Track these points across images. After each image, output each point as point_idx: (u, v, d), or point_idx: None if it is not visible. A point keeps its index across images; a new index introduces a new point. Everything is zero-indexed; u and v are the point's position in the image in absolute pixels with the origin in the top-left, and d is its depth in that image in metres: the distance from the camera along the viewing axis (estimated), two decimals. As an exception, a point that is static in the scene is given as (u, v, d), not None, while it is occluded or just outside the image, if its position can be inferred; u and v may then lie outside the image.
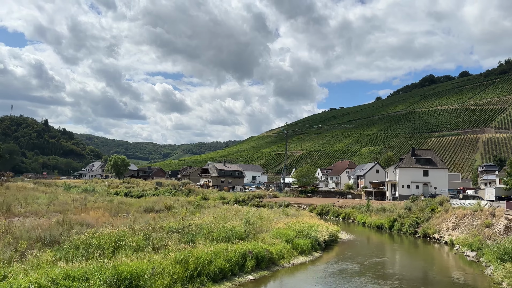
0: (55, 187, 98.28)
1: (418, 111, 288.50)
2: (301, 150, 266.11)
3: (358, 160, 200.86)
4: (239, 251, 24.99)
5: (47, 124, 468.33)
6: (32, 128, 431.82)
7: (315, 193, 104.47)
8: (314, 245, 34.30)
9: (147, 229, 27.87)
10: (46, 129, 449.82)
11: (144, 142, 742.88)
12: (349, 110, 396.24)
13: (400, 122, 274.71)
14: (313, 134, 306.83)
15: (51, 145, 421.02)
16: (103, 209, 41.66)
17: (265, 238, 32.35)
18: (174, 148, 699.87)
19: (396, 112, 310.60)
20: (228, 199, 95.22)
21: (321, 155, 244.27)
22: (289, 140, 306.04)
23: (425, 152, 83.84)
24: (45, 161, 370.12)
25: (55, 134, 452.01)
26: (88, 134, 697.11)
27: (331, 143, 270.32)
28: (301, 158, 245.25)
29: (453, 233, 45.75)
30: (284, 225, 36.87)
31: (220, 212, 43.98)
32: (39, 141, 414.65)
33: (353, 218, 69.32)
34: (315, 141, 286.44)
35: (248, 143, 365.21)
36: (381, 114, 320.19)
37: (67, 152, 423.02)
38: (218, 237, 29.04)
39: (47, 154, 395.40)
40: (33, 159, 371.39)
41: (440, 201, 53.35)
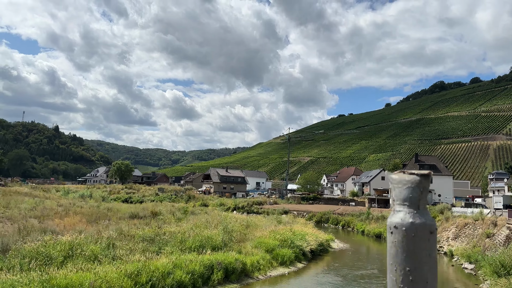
0: (54, 192, 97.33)
1: (427, 118, 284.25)
2: (308, 156, 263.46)
3: (366, 167, 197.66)
4: (206, 262, 22.95)
5: (58, 130, 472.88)
6: (43, 134, 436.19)
7: (317, 200, 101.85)
8: (298, 255, 32.07)
9: (112, 237, 26.02)
10: (56, 135, 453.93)
11: (154, 149, 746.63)
12: (358, 117, 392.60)
13: (409, 129, 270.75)
14: (321, 141, 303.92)
15: (61, 151, 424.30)
16: (82, 215, 39.96)
17: (246, 247, 30.33)
18: (184, 154, 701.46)
19: (406, 118, 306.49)
20: (227, 206, 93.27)
21: (328, 161, 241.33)
22: (296, 147, 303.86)
23: (429, 158, 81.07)
24: (55, 166, 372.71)
25: (65, 140, 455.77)
26: (99, 140, 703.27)
27: (339, 149, 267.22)
28: (308, 164, 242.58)
29: (453, 243, 43.16)
30: (267, 234, 34.70)
31: (206, 218, 41.97)
32: (49, 147, 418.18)
33: (352, 226, 66.80)
34: (323, 147, 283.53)
35: (256, 149, 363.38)
36: (390, 121, 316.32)
37: (77, 158, 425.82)
38: (191, 246, 27.08)
39: (57, 159, 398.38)
40: (43, 164, 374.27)
41: (441, 209, 50.73)
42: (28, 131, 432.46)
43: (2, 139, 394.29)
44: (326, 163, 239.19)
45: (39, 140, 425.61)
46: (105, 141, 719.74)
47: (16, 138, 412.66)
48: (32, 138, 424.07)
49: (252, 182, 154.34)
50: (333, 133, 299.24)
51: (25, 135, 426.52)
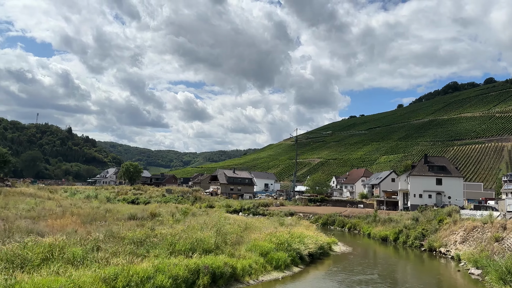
0: (61, 193, 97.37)
1: (440, 119, 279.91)
2: (318, 158, 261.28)
3: (377, 169, 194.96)
4: (192, 266, 21.84)
5: (71, 131, 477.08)
6: (56, 136, 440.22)
7: (325, 202, 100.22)
8: (295, 259, 30.80)
9: (98, 239, 25.11)
10: (69, 137, 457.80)
11: (165, 150, 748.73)
12: (369, 118, 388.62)
13: (421, 130, 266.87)
14: (331, 142, 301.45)
15: (74, 152, 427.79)
16: (78, 216, 39.23)
17: (240, 250, 29.22)
18: (195, 156, 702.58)
19: (418, 120, 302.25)
20: (233, 207, 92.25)
21: (338, 163, 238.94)
22: (306, 148, 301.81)
23: (438, 159, 78.94)
24: (68, 168, 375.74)
25: (78, 142, 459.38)
26: (112, 142, 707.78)
27: (350, 151, 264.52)
28: (318, 166, 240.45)
29: (460, 247, 41.40)
30: (264, 236, 33.50)
31: (204, 220, 40.91)
32: (62, 149, 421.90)
33: (359, 229, 65.22)
34: (333, 149, 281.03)
35: (266, 151, 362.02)
36: (402, 122, 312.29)
37: (90, 159, 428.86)
38: (180, 249, 26.03)
39: (70, 161, 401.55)
40: (56, 166, 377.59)
41: (449, 211, 48.91)
42: (42, 133, 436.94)
43: (16, 141, 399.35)
44: (336, 164, 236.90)
45: (52, 141, 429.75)
46: (118, 143, 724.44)
47: (30, 139, 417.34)
48: (46, 139, 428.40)
49: (260, 183, 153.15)
50: (341, 133, 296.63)
51: (39, 136, 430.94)
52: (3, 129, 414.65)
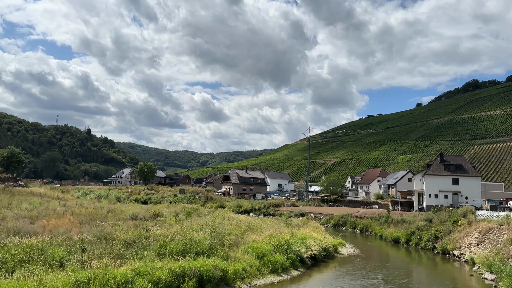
0: (73, 193, 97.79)
1: (460, 118, 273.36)
2: (334, 158, 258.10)
3: (395, 169, 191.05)
4: (177, 269, 20.59)
5: (90, 133, 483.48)
6: (75, 137, 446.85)
7: (338, 202, 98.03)
8: (294, 261, 29.27)
9: (85, 240, 24.13)
10: (88, 138, 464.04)
11: (182, 151, 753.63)
12: (387, 117, 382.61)
13: (440, 129, 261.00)
14: (348, 142, 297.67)
15: (93, 153, 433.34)
16: (78, 216, 38.55)
17: (237, 252, 27.91)
18: (212, 156, 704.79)
19: (437, 118, 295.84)
20: (244, 207, 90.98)
21: (355, 163, 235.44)
22: (322, 148, 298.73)
23: (455, 158, 76.00)
24: (87, 168, 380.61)
25: (97, 143, 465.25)
26: (131, 143, 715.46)
27: (366, 151, 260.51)
28: (334, 166, 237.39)
29: (475, 250, 39.23)
30: (263, 237, 32.07)
31: (206, 221, 39.75)
32: (81, 149, 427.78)
33: (371, 230, 63.12)
34: (350, 149, 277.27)
35: (282, 151, 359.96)
36: (420, 121, 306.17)
37: (108, 160, 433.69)
38: (171, 250, 24.83)
39: (89, 161, 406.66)
40: (76, 166, 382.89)
41: (464, 212, 46.56)
42: (62, 134, 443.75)
43: (36, 142, 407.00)
44: (353, 164, 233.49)
45: (72, 142, 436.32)
46: (137, 144, 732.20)
47: (50, 141, 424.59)
48: (65, 140, 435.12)
49: (274, 184, 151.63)
50: (355, 132, 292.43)
51: (59, 138, 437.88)
52: (24, 130, 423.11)
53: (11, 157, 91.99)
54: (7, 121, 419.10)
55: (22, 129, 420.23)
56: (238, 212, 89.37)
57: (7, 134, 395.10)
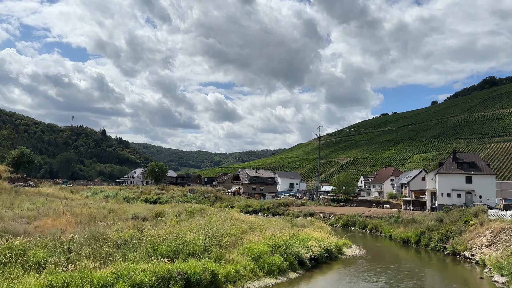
0: (82, 193, 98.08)
1: (476, 115, 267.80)
2: (347, 157, 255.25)
3: (409, 168, 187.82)
4: (162, 272, 19.61)
5: (105, 133, 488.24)
6: (90, 138, 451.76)
7: (349, 202, 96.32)
8: (293, 263, 28.06)
9: (72, 241, 23.35)
10: (103, 139, 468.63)
11: (196, 151, 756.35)
12: (402, 115, 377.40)
13: (456, 127, 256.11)
14: (362, 141, 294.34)
15: (108, 154, 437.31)
16: (75, 216, 38.03)
17: (233, 253, 26.88)
18: (225, 156, 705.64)
19: (453, 116, 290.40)
20: (252, 207, 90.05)
21: (368, 162, 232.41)
22: (335, 147, 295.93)
23: (468, 156, 73.70)
24: (102, 168, 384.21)
25: (112, 143, 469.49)
26: (145, 143, 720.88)
27: (380, 149, 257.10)
28: (347, 165, 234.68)
29: (486, 251, 37.50)
30: (261, 238, 30.96)
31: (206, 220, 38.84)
32: (97, 150, 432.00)
33: (380, 230, 61.46)
34: (363, 147, 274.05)
35: (294, 150, 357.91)
36: (436, 119, 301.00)
37: (123, 160, 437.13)
38: (162, 252, 23.90)
39: (104, 162, 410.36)
40: (91, 167, 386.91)
41: (475, 211, 44.74)
42: (77, 135, 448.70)
43: (52, 143, 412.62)
44: (366, 164, 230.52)
45: (87, 143, 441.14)
46: (151, 144, 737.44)
47: (65, 141, 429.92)
48: (81, 141, 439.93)
49: (285, 183, 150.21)
50: (368, 131, 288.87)
51: (74, 138, 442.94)
52: (41, 131, 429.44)
53: (21, 158, 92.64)
54: (23, 123, 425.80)
55: (38, 131, 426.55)
56: (247, 212, 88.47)
57: (24, 135, 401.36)
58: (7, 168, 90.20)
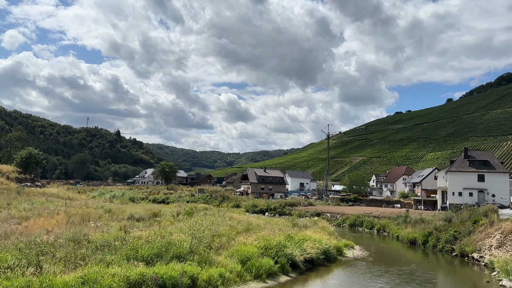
0: (88, 193, 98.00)
1: (493, 113, 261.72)
2: (360, 156, 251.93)
3: (424, 167, 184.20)
4: (134, 277, 18.38)
5: (119, 134, 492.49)
6: (105, 139, 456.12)
7: (358, 202, 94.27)
8: (285, 266, 26.59)
9: (48, 243, 22.30)
10: (118, 139, 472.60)
11: (209, 151, 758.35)
12: (416, 114, 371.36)
13: (472, 124, 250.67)
14: (375, 140, 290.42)
15: (122, 154, 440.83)
16: (68, 216, 37.20)
17: (221, 256, 25.57)
18: (238, 156, 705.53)
19: (468, 113, 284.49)
20: (259, 207, 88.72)
21: (382, 161, 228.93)
22: (348, 147, 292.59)
23: (481, 154, 71.11)
24: (116, 169, 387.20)
25: (126, 144, 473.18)
26: (160, 144, 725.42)
27: (394, 148, 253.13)
28: (360, 164, 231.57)
29: (496, 253, 35.45)
30: (253, 239, 29.55)
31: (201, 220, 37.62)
32: (111, 151, 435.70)
33: (388, 230, 59.49)
34: (377, 146, 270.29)
35: (307, 150, 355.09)
36: (451, 117, 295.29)
37: (137, 160, 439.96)
38: (143, 254, 22.71)
39: (118, 162, 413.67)
40: (105, 167, 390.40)
41: (485, 211, 42.60)
42: (92, 136, 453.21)
43: (68, 144, 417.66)
44: (380, 163, 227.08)
45: (101, 144, 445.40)
46: (165, 145, 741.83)
47: (81, 143, 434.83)
48: (96, 142, 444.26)
49: (295, 182, 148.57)
50: (380, 129, 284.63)
51: (89, 140, 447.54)
52: (56, 133, 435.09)
53: (29, 158, 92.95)
54: (39, 124, 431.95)
55: (54, 132, 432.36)
56: (254, 212, 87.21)
57: (40, 136, 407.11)
58: (16, 169, 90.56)
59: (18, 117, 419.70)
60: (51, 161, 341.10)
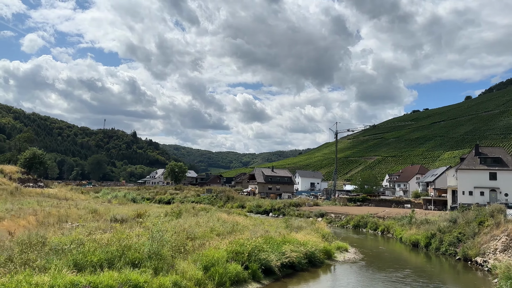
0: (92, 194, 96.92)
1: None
2: (375, 155, 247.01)
3: (440, 166, 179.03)
4: (61, 285, 16.24)
5: (135, 135, 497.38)
6: (122, 140, 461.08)
7: (366, 202, 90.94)
8: (256, 272, 24.14)
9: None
10: (134, 141, 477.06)
11: (225, 152, 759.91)
12: (434, 112, 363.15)
13: (491, 122, 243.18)
14: (391, 139, 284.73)
15: (139, 155, 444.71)
16: (43, 217, 35.53)
17: (187, 261, 23.29)
18: (254, 156, 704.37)
19: (487, 111, 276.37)
20: (263, 207, 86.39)
21: (397, 161, 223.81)
22: (363, 146, 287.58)
23: (493, 150, 67.20)
24: (132, 170, 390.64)
25: (142, 145, 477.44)
26: (176, 145, 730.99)
27: (410, 147, 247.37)
28: (375, 164, 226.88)
29: (501, 257, 32.31)
30: (228, 242, 27.16)
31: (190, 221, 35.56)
32: (127, 152, 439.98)
33: (392, 232, 56.43)
34: (392, 145, 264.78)
35: (322, 150, 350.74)
36: (469, 115, 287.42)
37: (153, 161, 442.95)
38: (92, 259, 20.57)
39: (134, 163, 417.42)
40: (122, 168, 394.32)
41: (492, 211, 39.32)
42: (109, 138, 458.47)
43: (85, 145, 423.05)
44: (395, 162, 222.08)
45: (118, 145, 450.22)
46: (181, 146, 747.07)
47: (98, 144, 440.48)
48: (112, 144, 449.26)
49: (306, 182, 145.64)
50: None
51: (106, 141, 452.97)
52: (74, 135, 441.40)
53: (33, 158, 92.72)
54: (57, 126, 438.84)
55: (71, 134, 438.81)
56: (258, 212, 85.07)
57: (58, 138, 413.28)
58: (19, 169, 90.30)
59: (36, 119, 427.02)
60: (68, 162, 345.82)
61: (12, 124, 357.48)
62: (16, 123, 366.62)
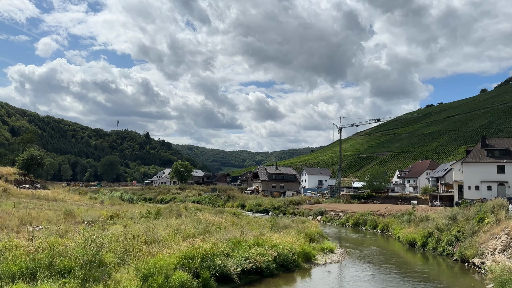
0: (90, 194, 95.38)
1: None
2: (388, 151, 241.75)
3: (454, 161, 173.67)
4: None
5: (148, 136, 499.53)
6: (135, 141, 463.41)
7: (371, 198, 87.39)
8: (208, 280, 21.31)
9: None
10: (147, 141, 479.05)
11: (238, 151, 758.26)
12: (448, 106, 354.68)
13: (507, 115, 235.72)
14: (403, 134, 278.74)
15: (152, 156, 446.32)
16: (10, 219, 33.36)
17: (128, 269, 20.65)
18: (267, 155, 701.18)
19: (503, 104, 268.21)
20: (263, 206, 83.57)
21: (410, 156, 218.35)
22: (375, 142, 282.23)
23: (501, 142, 63.01)
24: (146, 170, 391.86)
25: (155, 146, 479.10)
26: (189, 145, 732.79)
27: (423, 142, 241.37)
28: (387, 160, 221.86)
29: (499, 258, 28.90)
30: (185, 247, 24.40)
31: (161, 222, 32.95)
32: (141, 153, 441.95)
33: (392, 230, 53.09)
34: (405, 141, 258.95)
35: (334, 147, 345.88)
36: (484, 108, 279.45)
37: (166, 161, 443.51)
38: (13, 270, 18.08)
39: (147, 164, 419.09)
40: (135, 169, 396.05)
41: (493, 207, 35.76)
42: (122, 139, 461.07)
43: (99, 147, 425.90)
44: (407, 158, 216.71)
45: (131, 146, 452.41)
46: (195, 146, 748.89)
47: (111, 145, 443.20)
48: (126, 145, 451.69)
49: (313, 180, 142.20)
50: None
51: (119, 142, 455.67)
52: (88, 136, 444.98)
53: (30, 160, 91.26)
54: (71, 128, 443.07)
55: (85, 135, 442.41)
56: (258, 211, 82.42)
57: (72, 140, 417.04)
58: (17, 171, 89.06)
59: (50, 122, 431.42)
60: (82, 163, 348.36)
61: (26, 127, 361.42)
62: (31, 126, 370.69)
